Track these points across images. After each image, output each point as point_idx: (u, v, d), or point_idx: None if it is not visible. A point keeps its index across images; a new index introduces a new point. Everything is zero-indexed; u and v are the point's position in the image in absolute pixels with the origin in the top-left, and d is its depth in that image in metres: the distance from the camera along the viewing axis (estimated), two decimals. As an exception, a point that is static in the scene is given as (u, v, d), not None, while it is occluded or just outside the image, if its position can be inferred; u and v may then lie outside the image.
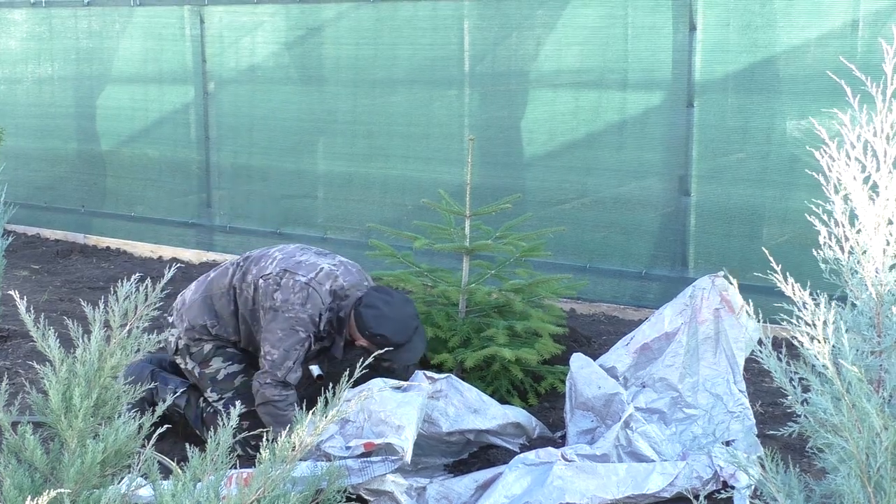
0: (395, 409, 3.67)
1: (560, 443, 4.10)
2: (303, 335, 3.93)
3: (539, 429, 4.16)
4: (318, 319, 3.96)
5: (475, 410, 4.01)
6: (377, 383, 3.86)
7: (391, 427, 3.62)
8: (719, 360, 4.06)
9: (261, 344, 4.00)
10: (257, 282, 4.05)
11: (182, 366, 4.24)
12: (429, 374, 4.05)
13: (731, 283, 3.80)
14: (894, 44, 2.45)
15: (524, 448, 4.02)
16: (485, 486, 3.65)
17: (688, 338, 4.09)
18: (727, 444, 3.79)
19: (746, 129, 5.55)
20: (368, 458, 3.52)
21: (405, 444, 3.52)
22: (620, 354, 4.21)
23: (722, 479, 3.54)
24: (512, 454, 3.89)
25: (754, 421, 3.90)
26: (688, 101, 5.65)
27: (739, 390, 4.00)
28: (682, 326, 4.10)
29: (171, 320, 4.27)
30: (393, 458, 3.51)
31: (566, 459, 3.62)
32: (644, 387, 4.12)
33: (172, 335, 4.19)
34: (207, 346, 4.17)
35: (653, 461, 3.67)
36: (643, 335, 4.19)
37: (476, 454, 4.09)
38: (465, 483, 3.70)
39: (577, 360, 4.15)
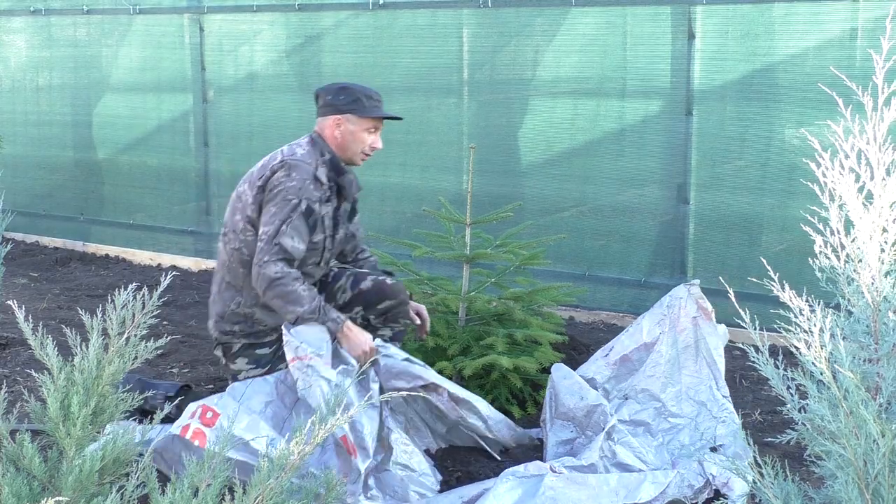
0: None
1: (538, 443, 4.09)
2: (295, 201, 3.88)
3: (520, 435, 4.15)
4: (309, 182, 3.93)
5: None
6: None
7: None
8: (700, 368, 4.07)
9: None
10: (248, 216, 3.99)
11: (217, 353, 4.22)
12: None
13: (727, 290, 3.81)
14: (883, 53, 2.46)
15: (503, 454, 4.03)
16: (471, 502, 3.63)
17: (667, 347, 4.09)
18: (714, 449, 3.78)
19: (745, 137, 5.56)
20: None
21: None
22: (600, 366, 4.21)
23: (715, 487, 3.53)
24: (494, 468, 3.88)
25: (740, 424, 3.87)
26: (686, 109, 5.66)
27: (723, 395, 4.01)
28: (660, 336, 4.11)
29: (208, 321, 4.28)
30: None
31: (555, 472, 3.61)
32: (627, 399, 4.12)
33: (210, 328, 4.21)
34: (237, 345, 4.12)
35: (642, 470, 3.67)
36: (622, 346, 4.19)
37: (459, 477, 4.03)
38: (451, 499, 3.68)
39: (559, 370, 4.16)
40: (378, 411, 3.77)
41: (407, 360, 3.97)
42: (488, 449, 4.05)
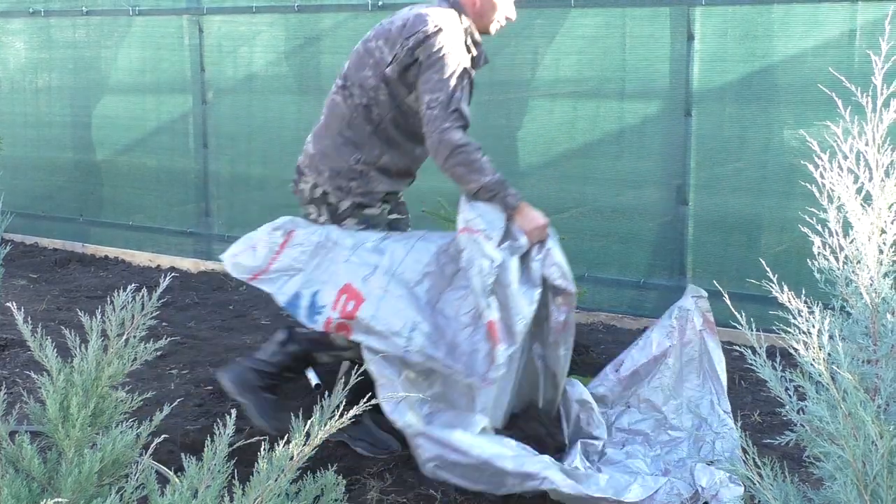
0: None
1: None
2: (460, 70, 3.78)
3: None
4: (463, 50, 3.83)
5: None
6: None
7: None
8: (703, 381, 4.06)
9: (420, 105, 3.81)
10: (384, 75, 3.86)
11: (313, 217, 4.12)
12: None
13: (724, 297, 3.81)
14: (882, 55, 2.47)
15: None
16: None
17: (674, 360, 4.09)
18: (710, 464, 3.77)
19: (744, 138, 5.56)
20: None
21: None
22: (611, 382, 4.20)
23: (704, 500, 3.51)
24: None
25: (738, 441, 3.86)
26: (685, 110, 5.66)
27: (724, 411, 3.99)
28: (669, 349, 4.10)
29: (302, 178, 4.17)
30: None
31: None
32: (629, 407, 4.11)
33: (307, 184, 4.11)
34: (346, 203, 4.02)
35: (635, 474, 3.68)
36: (632, 361, 4.18)
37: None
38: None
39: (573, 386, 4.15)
40: (538, 291, 3.73)
41: (563, 259, 3.90)
42: (539, 394, 4.01)
